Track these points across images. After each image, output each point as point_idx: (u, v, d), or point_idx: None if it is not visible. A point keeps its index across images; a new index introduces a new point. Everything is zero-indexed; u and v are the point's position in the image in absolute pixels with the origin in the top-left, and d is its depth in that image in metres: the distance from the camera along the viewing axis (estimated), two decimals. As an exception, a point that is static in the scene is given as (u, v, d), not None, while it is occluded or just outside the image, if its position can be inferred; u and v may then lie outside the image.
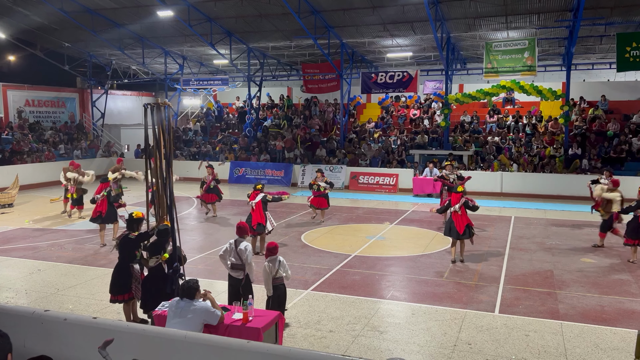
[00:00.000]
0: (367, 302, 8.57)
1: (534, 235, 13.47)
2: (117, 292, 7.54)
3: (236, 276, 7.38)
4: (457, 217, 10.64)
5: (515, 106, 25.46)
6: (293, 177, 22.96)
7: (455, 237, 10.74)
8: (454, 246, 10.94)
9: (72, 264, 10.86)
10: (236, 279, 7.38)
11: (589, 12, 17.66)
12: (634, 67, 18.83)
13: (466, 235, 10.69)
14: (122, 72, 30.50)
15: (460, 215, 10.63)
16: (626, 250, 11.49)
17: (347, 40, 23.07)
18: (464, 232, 10.60)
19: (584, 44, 22.12)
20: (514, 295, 8.90)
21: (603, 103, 23.68)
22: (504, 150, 21.81)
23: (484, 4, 18.24)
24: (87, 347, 4.62)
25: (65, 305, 8.47)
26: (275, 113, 28.75)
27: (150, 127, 7.18)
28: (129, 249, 7.44)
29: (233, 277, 7.42)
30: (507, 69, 19.99)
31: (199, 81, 27.77)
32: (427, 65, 26.50)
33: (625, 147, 20.48)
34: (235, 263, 7.36)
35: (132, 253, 7.42)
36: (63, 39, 25.56)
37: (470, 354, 6.71)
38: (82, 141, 26.86)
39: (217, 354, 4.46)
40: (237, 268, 7.37)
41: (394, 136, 24.64)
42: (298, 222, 15.07)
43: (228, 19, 21.85)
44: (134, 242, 7.41)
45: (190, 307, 5.80)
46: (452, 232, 10.71)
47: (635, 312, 8.12)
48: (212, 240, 12.90)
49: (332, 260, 11.03)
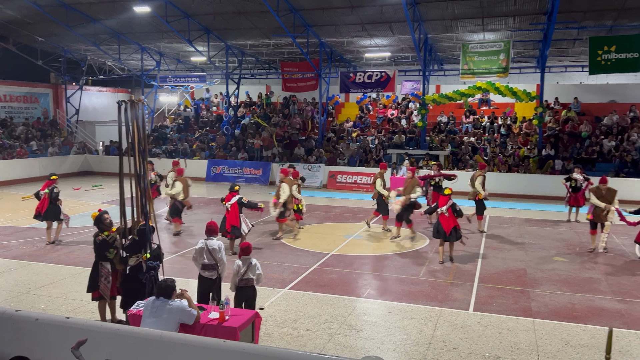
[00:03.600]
0: (344, 301, 8.61)
1: (508, 234, 13.69)
2: (89, 289, 7.53)
3: (209, 276, 7.32)
4: (445, 219, 10.67)
5: (490, 107, 25.82)
6: (271, 175, 22.91)
7: (443, 238, 10.81)
8: (442, 246, 10.98)
9: (45, 262, 10.67)
10: (209, 279, 7.32)
11: (562, 15, 18.01)
12: (606, 70, 19.25)
13: (453, 238, 10.76)
14: (97, 68, 30.02)
15: (448, 217, 10.70)
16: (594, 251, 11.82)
17: (325, 40, 23.10)
18: (450, 234, 10.69)
19: (558, 47, 22.55)
20: (488, 294, 9.04)
21: (575, 105, 24.18)
22: (479, 151, 22.12)
23: (461, 6, 18.46)
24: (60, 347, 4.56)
25: (37, 305, 8.32)
26: (253, 111, 28.65)
27: (124, 124, 7.09)
28: (100, 249, 7.36)
29: (205, 278, 7.34)
30: (483, 71, 20.26)
31: (176, 78, 27.49)
32: (405, 66, 26.70)
33: (596, 149, 20.95)
34: (208, 263, 7.30)
35: (103, 253, 7.34)
36: (36, 33, 25.03)
37: (444, 352, 6.80)
38: (56, 138, 26.37)
39: (193, 353, 4.44)
40: (210, 268, 7.32)
41: (371, 135, 24.77)
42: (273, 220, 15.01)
43: (206, 15, 21.68)
44: (106, 243, 7.34)
45: (166, 307, 5.75)
46: (440, 233, 10.78)
47: (604, 310, 8.33)
48: (187, 239, 12.80)
49: (309, 259, 11.05)
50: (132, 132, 7.08)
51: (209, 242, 7.35)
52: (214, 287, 7.33)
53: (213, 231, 7.58)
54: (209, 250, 7.28)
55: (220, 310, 6.04)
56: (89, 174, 25.80)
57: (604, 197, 11.57)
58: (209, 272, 7.32)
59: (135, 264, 7.06)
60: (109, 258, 7.37)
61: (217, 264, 7.29)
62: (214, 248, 7.29)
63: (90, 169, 26.22)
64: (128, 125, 7.10)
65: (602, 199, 11.57)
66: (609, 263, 11.04)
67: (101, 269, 7.39)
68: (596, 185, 12.00)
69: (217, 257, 7.28)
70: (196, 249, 7.36)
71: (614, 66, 18.71)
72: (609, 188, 11.62)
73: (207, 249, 7.29)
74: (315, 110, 27.17)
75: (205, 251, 7.29)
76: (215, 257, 7.28)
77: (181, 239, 12.93)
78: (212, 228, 7.62)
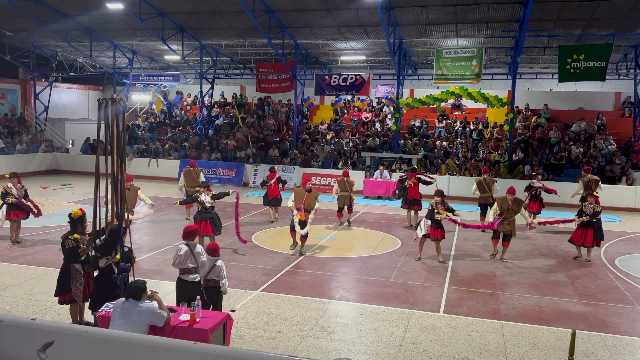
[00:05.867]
0: (316, 303, 8.62)
1: (478, 237, 13.90)
2: (57, 293, 7.32)
3: (192, 279, 7.21)
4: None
5: (463, 112, 26.21)
6: (245, 176, 22.80)
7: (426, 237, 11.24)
8: (422, 244, 11.40)
9: (10, 262, 10.41)
10: (192, 282, 7.20)
11: (534, 23, 18.41)
12: (574, 78, 19.74)
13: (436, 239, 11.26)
14: (67, 65, 29.39)
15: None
16: (565, 253, 12.09)
17: (301, 42, 23.12)
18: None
19: (529, 54, 23.05)
20: (458, 296, 9.16)
21: (545, 112, 24.73)
22: (451, 155, 22.42)
23: (435, 12, 18.70)
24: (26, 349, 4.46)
25: (2, 307, 8.10)
26: (227, 111, 28.47)
27: (103, 122, 6.95)
28: (70, 253, 7.20)
29: (189, 282, 7.20)
30: (456, 76, 20.56)
31: (149, 76, 27.10)
32: (380, 70, 26.91)
33: (564, 154, 21.45)
34: (193, 267, 7.21)
35: (73, 256, 7.19)
36: (4, 28, 24.38)
37: (415, 354, 6.87)
38: (24, 135, 25.74)
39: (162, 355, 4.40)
40: (194, 272, 7.22)
41: (346, 138, 24.87)
42: (249, 221, 14.98)
43: (180, 14, 21.47)
44: (76, 248, 7.19)
45: (135, 308, 5.68)
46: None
47: (570, 312, 8.53)
48: (158, 240, 12.64)
49: (282, 261, 11.03)
50: (111, 131, 6.93)
51: (192, 245, 7.26)
52: (197, 290, 7.23)
53: (193, 234, 7.47)
54: (193, 254, 7.19)
55: (191, 312, 5.98)
56: (57, 172, 25.25)
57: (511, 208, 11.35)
58: (192, 276, 7.21)
59: (105, 266, 6.93)
60: (80, 259, 7.22)
61: (199, 267, 7.21)
62: (198, 252, 7.22)
63: (59, 167, 25.65)
64: (108, 124, 6.95)
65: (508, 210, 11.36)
66: (575, 267, 11.30)
67: (73, 271, 7.23)
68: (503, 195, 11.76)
69: (200, 260, 7.19)
70: (180, 254, 7.18)
71: (582, 74, 19.22)
72: (515, 198, 11.44)
73: (192, 253, 7.20)
74: (289, 111, 27.14)
75: (190, 255, 7.20)
76: (198, 261, 7.19)
77: (153, 238, 12.75)
78: (192, 230, 7.49)
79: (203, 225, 11.16)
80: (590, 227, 11.56)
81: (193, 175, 15.10)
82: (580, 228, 11.68)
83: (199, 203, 11.44)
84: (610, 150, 21.26)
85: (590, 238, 11.55)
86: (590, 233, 11.54)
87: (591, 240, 11.57)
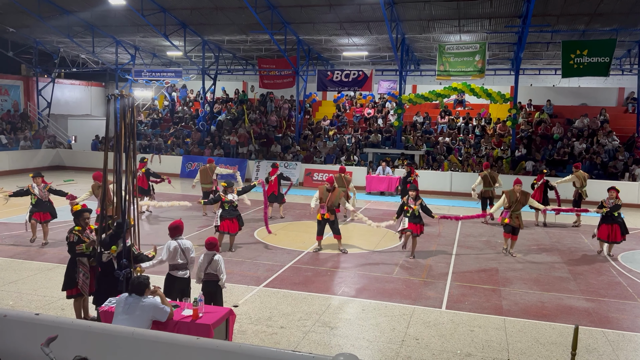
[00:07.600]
0: (318, 299, 8.63)
1: (481, 233, 13.89)
2: (64, 287, 7.38)
3: (182, 276, 7.24)
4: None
5: (465, 108, 26.15)
6: (247, 172, 22.80)
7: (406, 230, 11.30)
8: (406, 235, 11.43)
9: (14, 258, 10.44)
10: (182, 278, 7.23)
11: (537, 19, 18.33)
12: (578, 74, 19.67)
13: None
14: (70, 61, 29.39)
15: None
16: (567, 249, 12.07)
17: (303, 37, 23.07)
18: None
19: (532, 49, 22.95)
20: (461, 292, 9.16)
21: (548, 107, 24.66)
22: (454, 151, 22.38)
23: (438, 7, 18.64)
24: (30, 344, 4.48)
25: (6, 302, 8.13)
26: (229, 107, 28.46)
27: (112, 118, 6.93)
28: (72, 247, 7.24)
29: (179, 278, 7.22)
30: (459, 72, 20.50)
31: (152, 72, 27.10)
32: (382, 65, 26.85)
33: (567, 150, 21.39)
34: (182, 263, 7.23)
35: (74, 247, 7.22)
36: (7, 24, 24.39)
37: (417, 349, 6.88)
38: (27, 131, 25.78)
39: (165, 350, 4.41)
40: (184, 268, 7.24)
41: (348, 134, 24.85)
42: (251, 217, 15.00)
43: (183, 10, 21.45)
44: (77, 241, 7.21)
45: (138, 304, 5.69)
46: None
47: (572, 308, 8.52)
48: (160, 236, 12.64)
49: (285, 257, 11.05)
50: (122, 127, 6.90)
51: (182, 242, 7.27)
52: (188, 286, 7.26)
53: (179, 229, 7.44)
54: (182, 250, 7.21)
55: (194, 307, 5.99)
56: (60, 168, 25.29)
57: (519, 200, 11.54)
58: (182, 272, 7.24)
59: (106, 260, 6.95)
60: (85, 253, 7.25)
61: (189, 263, 7.23)
62: (187, 248, 7.23)
63: (61, 163, 25.70)
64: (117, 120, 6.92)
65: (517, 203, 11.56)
66: (578, 263, 11.29)
67: (79, 265, 7.27)
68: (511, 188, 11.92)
69: (189, 256, 7.21)
70: (170, 251, 7.19)
71: (585, 70, 19.15)
72: (523, 190, 11.74)
73: (181, 249, 7.21)
74: (292, 107, 27.11)
75: (179, 251, 7.21)
76: (187, 257, 7.21)
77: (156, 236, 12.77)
78: (177, 226, 7.45)
79: (229, 223, 11.26)
80: (615, 222, 11.62)
81: (208, 172, 15.63)
82: (606, 225, 11.70)
83: (226, 202, 11.43)
84: (614, 146, 21.18)
85: (618, 234, 11.61)
86: (618, 229, 11.61)
87: (620, 236, 11.62)
